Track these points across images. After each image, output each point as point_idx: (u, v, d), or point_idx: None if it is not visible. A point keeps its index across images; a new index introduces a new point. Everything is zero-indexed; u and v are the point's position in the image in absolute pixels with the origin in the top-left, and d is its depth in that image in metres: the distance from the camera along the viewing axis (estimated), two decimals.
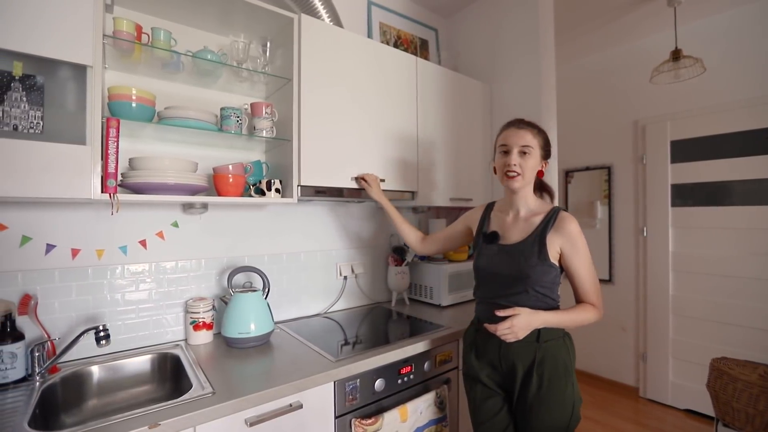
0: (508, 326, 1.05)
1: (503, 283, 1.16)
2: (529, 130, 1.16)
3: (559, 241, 1.12)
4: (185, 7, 1.33)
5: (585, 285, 1.13)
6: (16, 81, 0.93)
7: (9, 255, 1.15)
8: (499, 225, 1.24)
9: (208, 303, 1.41)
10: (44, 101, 0.97)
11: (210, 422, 0.95)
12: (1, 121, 0.92)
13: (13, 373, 1.06)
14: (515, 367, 1.13)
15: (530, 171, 1.16)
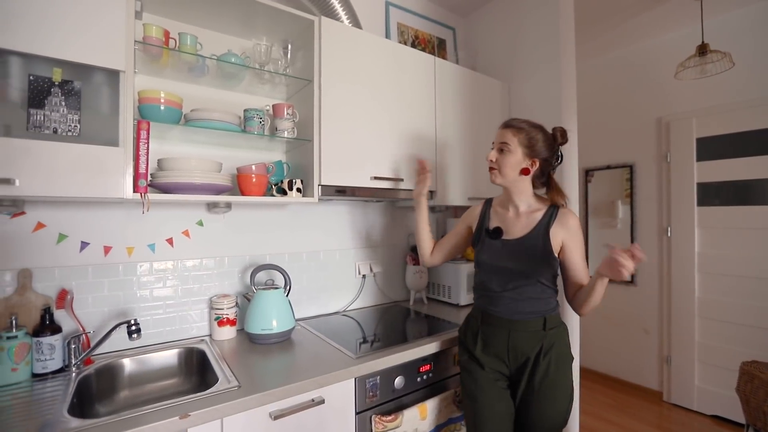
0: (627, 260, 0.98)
1: (509, 276, 1.19)
2: (509, 129, 1.20)
3: (561, 235, 1.17)
4: (210, 12, 1.37)
5: (580, 275, 1.19)
6: (56, 86, 0.98)
7: (47, 252, 1.21)
8: (501, 221, 1.27)
9: (231, 300, 1.45)
10: (81, 105, 1.02)
11: (236, 415, 0.97)
12: (42, 124, 0.97)
13: (52, 363, 1.12)
14: (522, 356, 1.17)
15: (508, 168, 1.20)
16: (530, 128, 1.20)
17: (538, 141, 1.19)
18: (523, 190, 1.23)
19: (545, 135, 1.21)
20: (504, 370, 1.21)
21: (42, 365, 1.11)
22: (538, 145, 1.19)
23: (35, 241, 1.20)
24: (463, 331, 1.33)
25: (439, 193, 1.81)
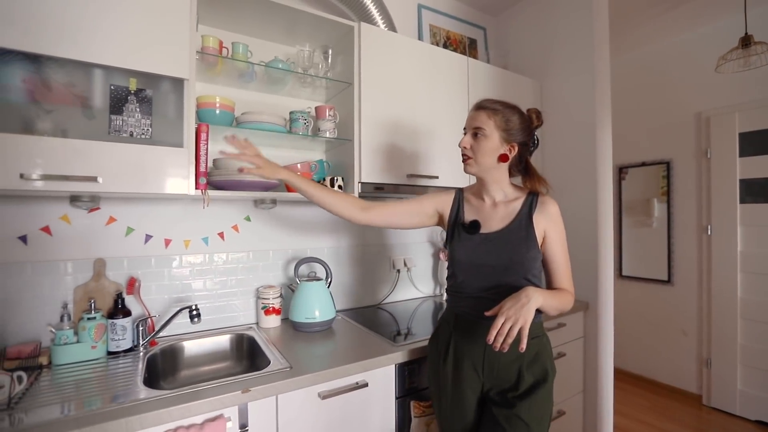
0: (503, 318, 0.87)
1: (491, 274, 1.06)
2: (483, 111, 1.07)
3: (543, 224, 1.06)
4: (257, 22, 1.47)
5: (562, 269, 1.09)
6: (132, 95, 1.10)
7: (117, 243, 1.35)
8: (477, 213, 1.14)
9: (276, 290, 1.54)
10: (152, 111, 1.14)
11: (289, 392, 1.06)
12: (121, 128, 1.09)
13: (124, 343, 1.25)
14: (501, 369, 1.04)
15: (484, 155, 1.06)
16: (506, 109, 1.07)
17: (515, 123, 1.06)
18: (499, 179, 1.11)
19: (522, 117, 1.09)
20: (476, 384, 1.07)
21: (116, 344, 1.23)
22: (517, 128, 1.07)
23: (108, 234, 1.33)
24: (434, 341, 1.19)
25: None
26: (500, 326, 0.87)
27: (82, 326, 1.18)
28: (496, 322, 0.88)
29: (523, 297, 0.91)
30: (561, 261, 1.08)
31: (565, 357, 1.81)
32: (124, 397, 0.95)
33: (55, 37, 0.98)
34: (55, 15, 0.98)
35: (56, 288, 1.25)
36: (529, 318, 0.88)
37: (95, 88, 1.09)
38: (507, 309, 0.89)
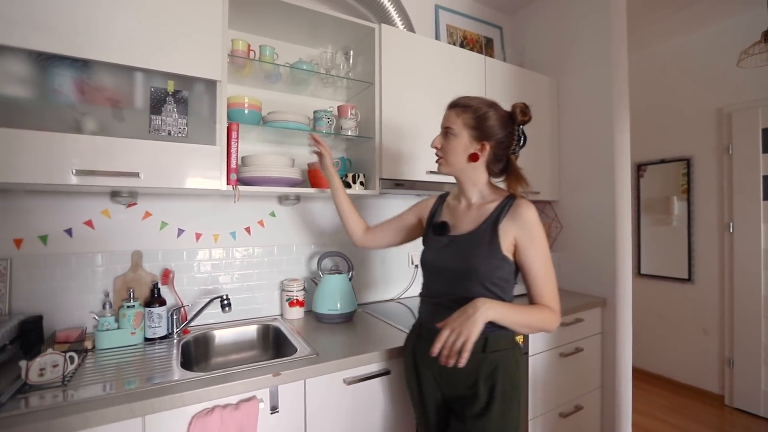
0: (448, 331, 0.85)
1: (450, 278, 1.01)
2: (453, 109, 1.05)
3: (513, 231, 0.97)
4: (283, 25, 1.53)
5: (539, 282, 0.96)
6: (169, 96, 1.17)
7: (152, 237, 1.43)
8: (451, 215, 1.12)
9: (300, 283, 1.60)
10: (188, 111, 1.21)
11: (316, 377, 1.11)
12: (160, 127, 1.16)
13: (159, 330, 1.32)
14: (457, 382, 0.99)
15: (453, 154, 1.04)
16: (479, 106, 1.03)
17: (488, 120, 1.01)
18: (475, 180, 1.06)
19: (498, 113, 1.03)
20: (437, 394, 1.05)
21: (152, 331, 1.31)
22: (489, 125, 1.01)
23: (144, 228, 1.41)
24: (403, 349, 1.18)
25: None
26: (444, 339, 0.84)
27: (122, 314, 1.26)
28: (440, 334, 0.85)
29: (470, 309, 0.86)
30: (538, 272, 0.96)
31: (582, 352, 1.82)
32: (164, 378, 1.01)
33: (101, 43, 1.05)
34: (101, 22, 1.05)
35: (98, 278, 1.33)
36: (473, 331, 0.83)
37: (137, 90, 1.17)
38: (453, 321, 0.86)
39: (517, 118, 1.03)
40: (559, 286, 2.13)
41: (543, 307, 0.96)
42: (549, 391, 1.69)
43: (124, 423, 0.87)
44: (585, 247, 2.03)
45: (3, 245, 1.21)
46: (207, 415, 0.95)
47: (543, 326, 0.95)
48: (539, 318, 0.94)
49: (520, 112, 1.03)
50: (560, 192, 2.16)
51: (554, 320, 0.95)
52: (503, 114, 1.04)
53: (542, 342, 1.66)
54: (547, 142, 2.12)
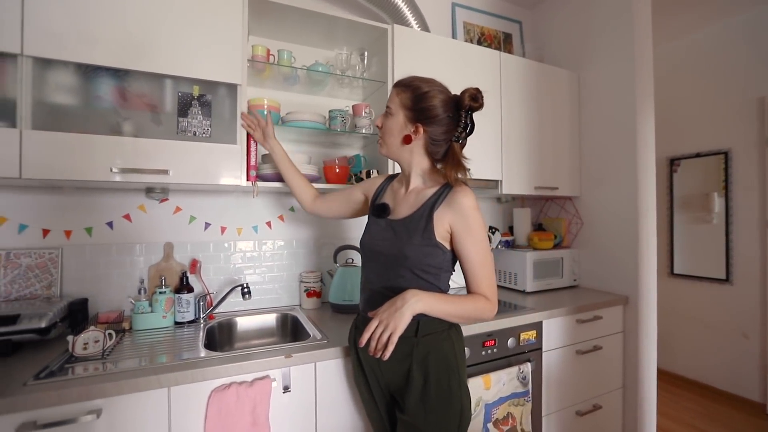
0: (376, 322, 0.86)
1: (384, 264, 1.00)
2: (396, 88, 1.02)
3: (449, 218, 0.95)
4: (300, 29, 1.62)
5: (475, 270, 0.94)
6: (195, 99, 1.28)
7: (182, 230, 1.55)
8: (392, 198, 1.09)
9: (317, 275, 1.68)
10: (211, 113, 1.31)
11: (325, 361, 1.18)
12: (186, 129, 1.27)
13: (188, 315, 1.44)
14: (394, 370, 0.98)
15: (389, 134, 1.01)
16: (419, 85, 0.98)
17: (426, 101, 0.97)
18: (413, 163, 1.03)
19: (442, 95, 0.98)
20: (379, 386, 1.05)
21: (181, 316, 1.43)
22: (427, 107, 0.96)
23: (175, 221, 1.54)
24: (348, 340, 1.18)
25: (505, 183, 1.88)
26: (372, 330, 0.85)
27: (155, 299, 1.39)
28: (369, 325, 0.86)
29: (399, 301, 0.87)
30: (472, 260, 0.95)
31: (602, 350, 1.79)
32: (189, 356, 1.11)
33: (138, 54, 1.17)
34: (138, 36, 1.17)
35: (135, 266, 1.47)
36: (400, 324, 0.84)
37: (166, 95, 1.29)
38: (382, 312, 0.87)
39: (465, 102, 0.96)
40: (578, 283, 2.11)
41: (477, 296, 0.95)
42: (564, 388, 1.68)
43: (152, 392, 0.98)
44: (607, 244, 1.99)
45: (55, 236, 1.37)
46: (224, 390, 1.04)
47: (477, 316, 0.94)
48: (472, 307, 0.93)
49: (469, 97, 0.95)
50: (581, 187, 2.12)
51: (489, 309, 0.94)
52: (447, 98, 0.99)
53: (557, 338, 1.65)
54: (567, 137, 2.09)
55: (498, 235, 2.05)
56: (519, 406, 1.50)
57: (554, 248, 2.07)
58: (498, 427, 1.44)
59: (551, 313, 1.62)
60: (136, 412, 0.96)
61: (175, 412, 1.00)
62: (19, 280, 1.31)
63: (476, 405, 1.37)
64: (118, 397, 0.94)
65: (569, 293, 1.96)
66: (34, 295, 1.32)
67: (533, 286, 1.94)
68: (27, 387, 0.89)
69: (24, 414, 0.86)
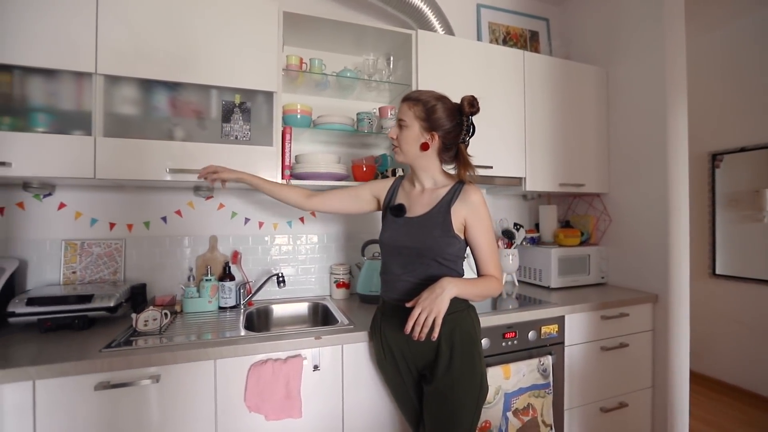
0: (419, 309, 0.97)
1: (407, 256, 1.12)
2: (406, 103, 1.14)
3: (463, 212, 1.10)
4: (330, 38, 1.74)
5: (485, 255, 1.11)
6: (236, 107, 1.43)
7: (225, 224, 1.72)
8: (406, 198, 1.21)
9: (346, 267, 1.80)
10: (250, 119, 1.45)
11: (351, 344, 1.29)
12: (230, 133, 1.43)
13: (229, 301, 1.60)
14: (423, 349, 1.10)
15: (406, 143, 1.13)
16: (428, 99, 1.12)
17: (436, 112, 1.10)
18: (427, 167, 1.16)
19: (446, 105, 1.12)
20: (408, 368, 1.16)
21: (224, 301, 1.59)
22: (437, 117, 1.10)
23: (219, 217, 1.71)
24: (371, 331, 1.28)
25: (529, 180, 1.91)
26: (416, 316, 0.97)
27: (202, 286, 1.55)
28: (413, 312, 0.97)
29: (438, 288, 0.99)
30: (484, 248, 1.11)
31: (628, 348, 1.77)
32: (231, 334, 1.26)
33: (189, 68, 1.33)
34: (188, 52, 1.33)
35: (185, 256, 1.65)
36: (442, 308, 0.97)
37: (212, 104, 1.45)
38: (423, 300, 0.98)
39: (465, 109, 1.12)
40: (606, 281, 2.09)
41: (489, 276, 1.11)
42: (588, 384, 1.69)
43: (201, 363, 1.12)
44: (636, 242, 1.96)
45: (120, 229, 1.57)
46: (261, 365, 1.17)
47: (491, 293, 1.11)
48: (488, 286, 1.10)
49: (467, 104, 1.12)
50: (609, 184, 2.10)
51: (498, 286, 1.11)
52: (451, 106, 1.14)
53: (580, 333, 1.66)
54: (594, 134, 2.08)
55: (523, 231, 2.08)
56: (540, 398, 1.54)
57: (581, 245, 2.07)
58: (518, 416, 1.49)
59: (574, 308, 1.64)
60: (187, 379, 1.11)
61: (219, 382, 1.14)
62: (91, 266, 1.52)
63: (496, 393, 1.43)
64: (173, 365, 1.10)
65: (596, 290, 1.95)
66: (103, 279, 1.53)
67: (558, 282, 1.95)
68: (101, 354, 1.06)
69: (100, 375, 1.03)
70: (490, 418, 1.43)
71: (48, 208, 1.50)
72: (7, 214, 1.45)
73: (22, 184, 1.42)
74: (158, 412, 1.09)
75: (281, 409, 1.18)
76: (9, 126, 1.23)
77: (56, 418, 1.00)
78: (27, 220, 1.48)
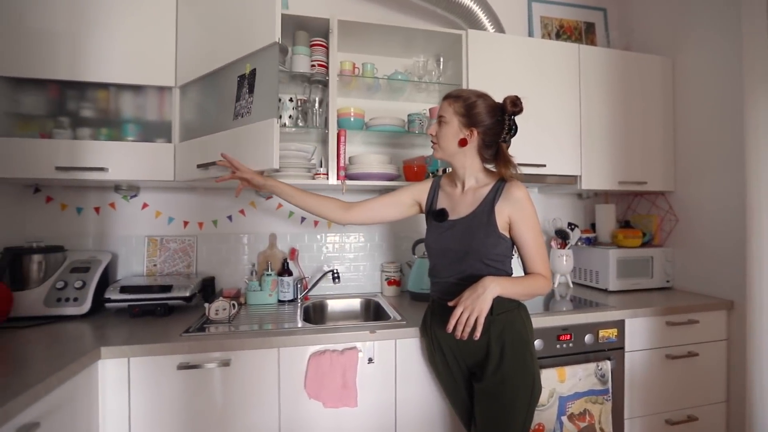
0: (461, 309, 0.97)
1: (454, 258, 1.12)
2: (447, 100, 1.13)
3: (507, 210, 1.08)
4: (380, 43, 1.79)
5: (532, 252, 1.08)
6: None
7: (282, 223, 1.83)
8: (448, 200, 1.20)
9: (397, 265, 1.84)
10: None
11: (404, 339, 1.32)
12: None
13: (288, 295, 1.70)
14: (472, 348, 1.10)
15: (445, 140, 1.12)
16: (468, 96, 1.11)
17: (476, 107, 1.09)
18: (467, 165, 1.15)
19: (487, 102, 1.11)
20: (458, 365, 1.17)
21: (283, 295, 1.69)
22: (477, 113, 1.09)
23: (277, 215, 1.83)
24: (422, 324, 1.30)
25: (585, 178, 1.84)
26: (458, 316, 0.97)
27: (263, 280, 1.67)
28: (455, 312, 0.98)
29: (480, 288, 0.99)
30: (530, 245, 1.09)
31: (698, 357, 1.65)
32: (291, 326, 1.35)
33: None
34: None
35: (248, 252, 1.78)
36: (484, 308, 0.97)
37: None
38: (464, 299, 0.98)
39: (507, 108, 1.09)
40: (672, 285, 1.97)
41: (537, 275, 1.09)
42: (652, 393, 1.60)
43: (267, 351, 1.21)
44: (707, 243, 1.82)
45: (192, 227, 1.74)
46: (320, 355, 1.24)
47: (539, 291, 1.09)
48: (535, 285, 1.07)
49: (510, 103, 1.09)
50: (675, 182, 1.97)
51: (547, 285, 1.09)
52: (492, 104, 1.12)
53: (642, 339, 1.58)
54: (659, 128, 1.95)
55: (577, 231, 2.00)
56: (597, 404, 1.48)
57: (642, 246, 1.96)
58: (574, 421, 1.45)
59: (635, 312, 1.56)
60: (254, 365, 1.21)
61: (282, 369, 1.23)
62: (168, 260, 1.69)
63: (550, 396, 1.40)
64: (242, 351, 1.20)
65: (660, 294, 1.84)
66: (179, 272, 1.70)
67: (617, 285, 1.86)
68: (181, 337, 1.19)
69: (180, 356, 1.15)
70: (544, 421, 1.40)
71: (134, 207, 1.69)
72: (102, 213, 1.66)
73: (114, 187, 1.62)
74: (229, 393, 1.19)
75: (338, 398, 1.25)
76: (106, 136, 1.41)
77: (146, 392, 1.14)
78: (117, 218, 1.68)
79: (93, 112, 1.43)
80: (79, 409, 1.01)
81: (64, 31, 1.32)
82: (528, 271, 1.12)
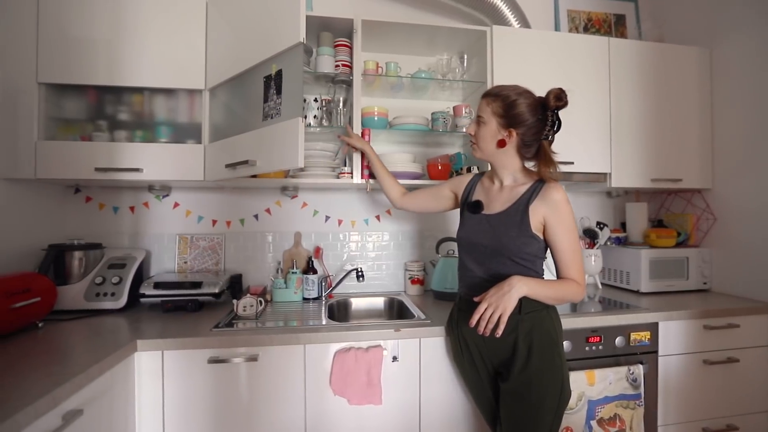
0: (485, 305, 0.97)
1: (483, 254, 1.11)
2: (485, 99, 1.11)
3: (542, 211, 1.05)
4: (403, 41, 1.79)
5: (566, 257, 1.05)
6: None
7: (307, 222, 1.86)
8: (485, 194, 1.19)
9: (420, 264, 1.84)
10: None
11: (428, 338, 1.32)
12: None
13: (312, 293, 1.72)
14: (499, 346, 1.08)
15: (483, 140, 1.12)
16: (508, 94, 1.08)
17: (516, 107, 1.06)
18: (506, 164, 1.13)
19: (529, 100, 1.07)
20: (483, 363, 1.15)
21: (307, 293, 1.72)
22: (517, 113, 1.06)
23: (302, 214, 1.85)
24: (448, 322, 1.29)
25: (615, 176, 1.78)
26: (482, 312, 0.97)
27: (289, 278, 1.70)
28: (479, 307, 0.98)
29: (506, 286, 0.98)
30: (564, 249, 1.05)
31: (739, 364, 1.57)
32: (317, 323, 1.36)
33: None
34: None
35: (273, 250, 1.82)
36: (509, 306, 0.96)
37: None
38: (490, 296, 0.98)
39: (551, 103, 1.06)
40: (710, 287, 1.88)
41: (569, 280, 1.06)
42: (688, 400, 1.53)
43: (293, 347, 1.24)
44: (748, 244, 1.73)
45: (220, 225, 1.79)
46: (345, 352, 1.25)
47: (570, 298, 1.06)
48: (566, 291, 1.05)
49: (553, 98, 1.05)
50: (713, 179, 1.88)
51: (579, 292, 1.05)
52: (533, 101, 1.08)
53: (678, 343, 1.51)
54: (695, 123, 1.86)
55: (607, 231, 1.94)
56: (629, 409, 1.43)
57: (677, 246, 1.88)
58: (603, 426, 1.40)
59: (670, 314, 1.49)
60: (281, 361, 1.23)
61: (308, 365, 1.25)
62: (198, 257, 1.74)
63: (578, 399, 1.37)
64: (269, 347, 1.22)
65: (697, 297, 1.76)
66: (208, 269, 1.75)
67: (649, 286, 1.79)
68: (211, 332, 1.23)
69: (211, 350, 1.19)
70: (572, 425, 1.37)
71: (166, 207, 1.75)
72: (136, 212, 1.73)
73: (147, 187, 1.68)
74: (256, 388, 1.22)
75: (363, 395, 1.25)
76: (141, 138, 1.47)
77: (179, 384, 1.18)
78: (150, 217, 1.74)
79: (129, 115, 1.49)
80: (117, 398, 1.06)
81: (101, 39, 1.39)
82: (561, 275, 1.08)
